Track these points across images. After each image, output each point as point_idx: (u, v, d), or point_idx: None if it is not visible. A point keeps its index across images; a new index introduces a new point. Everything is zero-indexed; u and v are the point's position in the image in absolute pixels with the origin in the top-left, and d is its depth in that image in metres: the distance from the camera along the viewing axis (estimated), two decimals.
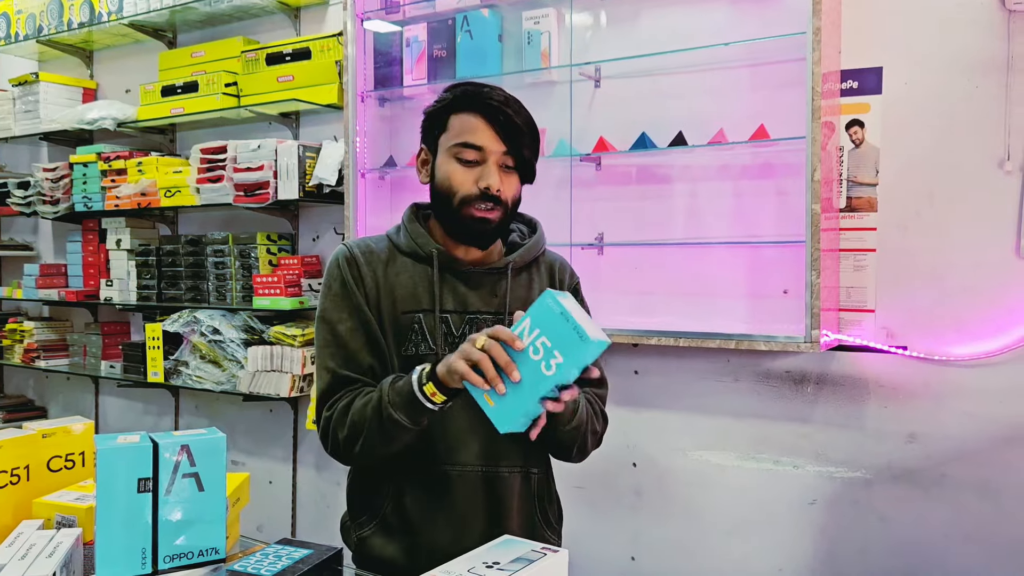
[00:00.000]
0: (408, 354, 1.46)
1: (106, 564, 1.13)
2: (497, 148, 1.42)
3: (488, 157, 1.42)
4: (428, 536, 1.47)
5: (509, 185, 1.45)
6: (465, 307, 1.48)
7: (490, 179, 1.41)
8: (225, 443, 1.22)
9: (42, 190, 3.74)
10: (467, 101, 1.44)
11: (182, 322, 3.28)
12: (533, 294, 1.52)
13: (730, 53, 2.39)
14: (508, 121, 1.42)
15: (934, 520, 2.24)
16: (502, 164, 1.44)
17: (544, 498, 1.59)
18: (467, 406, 1.39)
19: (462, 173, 1.43)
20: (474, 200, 1.42)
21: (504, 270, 1.51)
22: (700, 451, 2.56)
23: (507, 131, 1.42)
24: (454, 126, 1.44)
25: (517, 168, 1.46)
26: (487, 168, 1.42)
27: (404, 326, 1.47)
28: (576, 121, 2.64)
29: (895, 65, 2.27)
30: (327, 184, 2.96)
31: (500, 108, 1.42)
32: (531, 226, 1.62)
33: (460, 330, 1.47)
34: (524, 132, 1.44)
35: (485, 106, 1.43)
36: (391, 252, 1.53)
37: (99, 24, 3.58)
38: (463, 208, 1.43)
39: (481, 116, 1.42)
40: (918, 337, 2.26)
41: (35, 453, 1.43)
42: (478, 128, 1.42)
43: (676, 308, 2.53)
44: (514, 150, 1.43)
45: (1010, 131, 2.14)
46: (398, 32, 2.91)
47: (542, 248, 1.60)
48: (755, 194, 2.44)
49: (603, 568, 1.52)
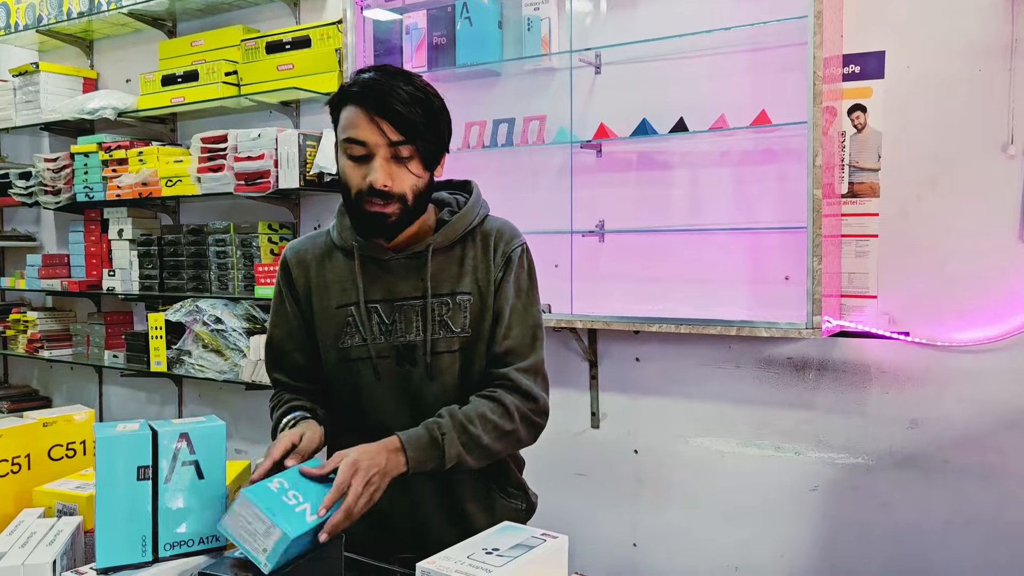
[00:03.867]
0: (344, 346, 1.47)
1: (106, 552, 1.13)
2: (381, 141, 1.34)
3: (375, 151, 1.34)
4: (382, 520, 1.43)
5: (402, 177, 1.36)
6: (393, 295, 1.46)
7: (374, 174, 1.34)
8: (225, 431, 1.22)
9: (44, 180, 3.74)
10: (349, 93, 1.36)
11: (184, 311, 3.29)
12: (466, 269, 1.47)
13: (731, 38, 2.38)
14: (388, 110, 1.32)
15: (936, 506, 2.24)
16: (392, 156, 1.35)
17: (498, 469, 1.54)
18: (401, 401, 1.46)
19: (351, 169, 1.37)
20: (366, 195, 1.36)
21: (424, 254, 1.46)
22: (701, 438, 2.56)
23: (393, 121, 1.33)
24: (341, 120, 1.38)
25: (417, 155, 1.37)
26: (373, 163, 1.34)
27: (339, 319, 1.47)
28: (576, 108, 2.63)
29: (897, 49, 2.25)
30: (328, 173, 2.95)
31: (378, 97, 1.33)
32: (469, 194, 1.54)
33: (391, 318, 1.45)
34: (412, 119, 1.34)
35: (362, 97, 1.34)
36: (328, 247, 1.52)
37: (99, 13, 3.57)
38: (359, 204, 1.38)
39: (360, 108, 1.34)
40: (920, 323, 2.25)
41: (36, 442, 1.43)
42: (359, 122, 1.34)
43: (677, 295, 2.53)
44: (405, 140, 1.34)
45: (1013, 115, 2.12)
46: (398, 20, 2.90)
47: (473, 219, 1.50)
48: (756, 180, 2.43)
49: (604, 554, 1.52)
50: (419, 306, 1.45)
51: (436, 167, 1.44)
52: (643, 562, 2.66)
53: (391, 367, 1.46)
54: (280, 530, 1.08)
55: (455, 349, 1.45)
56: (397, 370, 1.46)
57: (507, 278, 1.48)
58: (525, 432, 1.45)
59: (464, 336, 1.45)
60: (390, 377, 1.47)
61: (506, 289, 1.47)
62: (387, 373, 1.46)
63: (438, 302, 1.45)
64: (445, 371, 1.45)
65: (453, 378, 1.46)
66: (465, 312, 1.46)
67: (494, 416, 1.41)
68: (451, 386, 1.46)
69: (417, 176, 1.39)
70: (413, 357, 1.46)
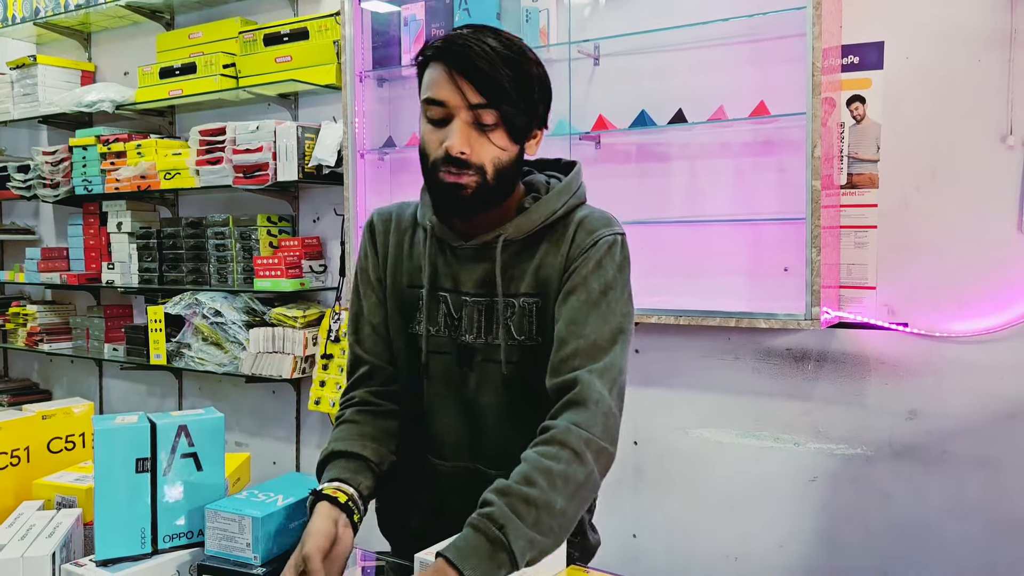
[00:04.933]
0: (412, 332, 1.34)
1: (106, 544, 1.13)
2: (460, 102, 1.17)
3: (454, 113, 1.18)
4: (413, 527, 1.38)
5: (482, 146, 1.19)
6: (458, 287, 1.30)
7: (451, 139, 1.18)
8: (223, 423, 1.22)
9: (42, 173, 3.74)
10: (436, 49, 1.20)
11: (184, 304, 3.29)
12: (540, 267, 1.27)
13: (730, 29, 2.37)
14: (471, 68, 1.16)
15: (935, 497, 2.25)
16: (474, 121, 1.19)
17: None
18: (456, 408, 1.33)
19: (430, 133, 1.22)
20: (440, 164, 1.20)
21: (493, 243, 1.27)
22: (701, 429, 2.56)
23: (474, 81, 1.16)
24: (424, 80, 1.22)
25: (502, 124, 1.20)
26: (452, 127, 1.18)
27: (409, 301, 1.34)
28: (575, 99, 2.62)
29: (896, 40, 2.25)
30: (326, 165, 2.95)
31: (460, 53, 1.17)
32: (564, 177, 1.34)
33: (459, 313, 1.30)
34: (500, 81, 1.17)
35: (443, 52, 1.18)
36: (412, 221, 1.38)
37: (96, 6, 3.56)
38: (435, 173, 1.22)
39: (441, 65, 1.19)
40: (919, 314, 2.25)
41: (35, 434, 1.44)
42: (439, 80, 1.19)
43: (676, 286, 2.52)
44: (488, 103, 1.17)
45: (1012, 105, 2.12)
46: (396, 11, 2.89)
47: (559, 208, 1.28)
48: (755, 171, 2.42)
49: (604, 546, 1.52)
50: (482, 305, 1.29)
51: (527, 141, 1.26)
52: (643, 553, 2.66)
53: (451, 366, 1.32)
54: (249, 517, 1.12)
55: (513, 360, 1.27)
56: (456, 371, 1.31)
57: (581, 271, 1.25)
58: (599, 471, 1.17)
59: (529, 344, 1.27)
60: (449, 377, 1.32)
61: (584, 282, 1.24)
62: (446, 372, 1.32)
63: (504, 303, 1.27)
64: (503, 381, 1.28)
65: (511, 391, 1.28)
66: (531, 317, 1.27)
67: (561, 466, 1.11)
68: (507, 401, 1.28)
69: (501, 148, 1.21)
70: (471, 360, 1.30)
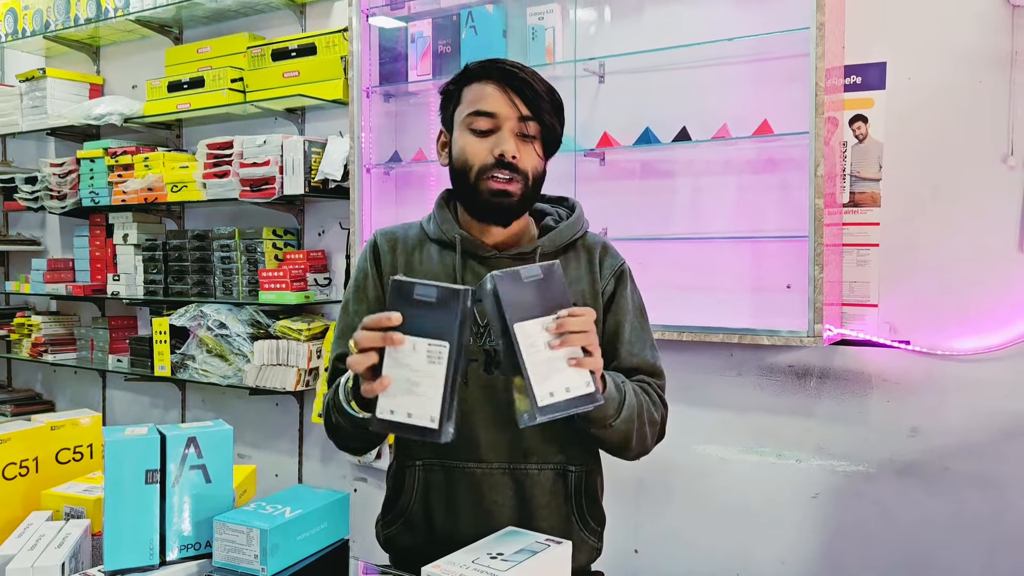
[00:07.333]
0: None
1: (114, 555, 1.14)
2: (511, 113, 1.34)
3: (503, 124, 1.35)
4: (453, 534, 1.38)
5: (527, 154, 1.36)
6: None
7: (504, 145, 1.34)
8: (232, 435, 1.23)
9: (49, 185, 3.76)
10: (480, 70, 1.37)
11: (188, 316, 3.30)
12: (572, 278, 1.42)
13: (734, 49, 2.39)
14: (523, 85, 1.34)
15: (936, 514, 2.25)
16: (519, 132, 1.36)
17: (585, 497, 1.48)
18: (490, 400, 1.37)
19: (476, 143, 1.36)
20: (490, 169, 1.34)
21: (531, 255, 1.40)
22: (703, 444, 2.57)
23: (523, 96, 1.34)
24: (467, 97, 1.38)
25: (540, 138, 1.38)
26: (501, 135, 1.34)
27: None
28: (580, 116, 2.64)
29: (899, 60, 2.27)
30: (332, 179, 2.97)
31: (513, 73, 1.35)
32: (572, 210, 1.52)
33: (486, 320, 1.36)
34: (542, 96, 1.35)
35: (498, 71, 1.36)
36: (420, 239, 1.48)
37: (105, 20, 3.59)
38: (480, 181, 1.35)
39: (494, 82, 1.36)
40: (921, 331, 2.26)
41: (44, 445, 1.44)
42: (491, 94, 1.35)
43: (679, 302, 2.53)
44: (532, 116, 1.35)
45: (1013, 126, 2.14)
46: (403, 28, 2.92)
47: (580, 230, 1.48)
48: (758, 189, 2.44)
49: (605, 560, 1.53)
50: None
51: (548, 159, 1.43)
52: (645, 568, 2.66)
53: (478, 372, 1.39)
54: (257, 528, 1.13)
55: None
56: (484, 376, 1.39)
57: (622, 293, 1.46)
58: (653, 441, 1.45)
59: None
60: (478, 383, 1.39)
61: (623, 304, 1.45)
62: (475, 378, 1.39)
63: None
64: None
65: None
66: None
67: (649, 399, 1.40)
68: None
69: (539, 158, 1.39)
70: (500, 364, 1.38)
